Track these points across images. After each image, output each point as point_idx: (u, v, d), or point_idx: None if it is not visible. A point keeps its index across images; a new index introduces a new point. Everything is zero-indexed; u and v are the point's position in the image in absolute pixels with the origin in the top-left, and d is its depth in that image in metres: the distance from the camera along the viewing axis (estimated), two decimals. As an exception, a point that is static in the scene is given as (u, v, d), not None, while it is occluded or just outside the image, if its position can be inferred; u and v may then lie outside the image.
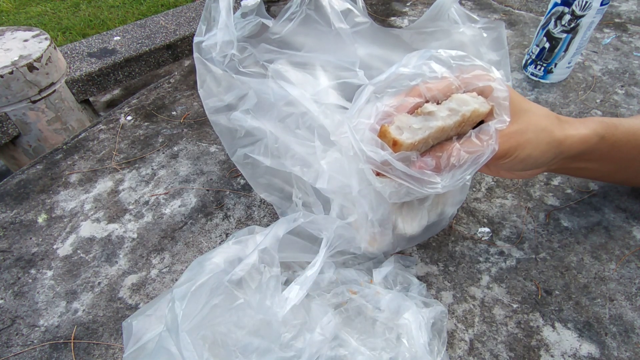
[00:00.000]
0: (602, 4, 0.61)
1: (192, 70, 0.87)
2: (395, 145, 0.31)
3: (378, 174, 0.35)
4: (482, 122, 0.34)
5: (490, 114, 0.33)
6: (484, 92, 0.33)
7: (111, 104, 1.87)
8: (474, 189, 0.58)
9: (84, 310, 0.48)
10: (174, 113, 0.76)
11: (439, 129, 0.31)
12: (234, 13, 0.48)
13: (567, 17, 0.65)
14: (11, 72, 1.18)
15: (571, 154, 0.40)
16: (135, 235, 0.56)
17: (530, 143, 0.36)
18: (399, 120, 0.31)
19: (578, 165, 0.44)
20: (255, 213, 0.57)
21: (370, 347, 0.38)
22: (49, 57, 1.29)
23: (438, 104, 0.32)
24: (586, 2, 0.62)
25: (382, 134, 0.31)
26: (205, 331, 0.36)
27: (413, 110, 0.32)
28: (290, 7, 0.50)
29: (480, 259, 0.50)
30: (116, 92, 1.94)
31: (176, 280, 0.50)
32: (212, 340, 0.36)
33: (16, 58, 1.22)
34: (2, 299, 0.50)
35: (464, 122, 0.32)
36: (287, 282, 0.43)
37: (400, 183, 0.33)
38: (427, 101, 0.32)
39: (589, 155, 0.42)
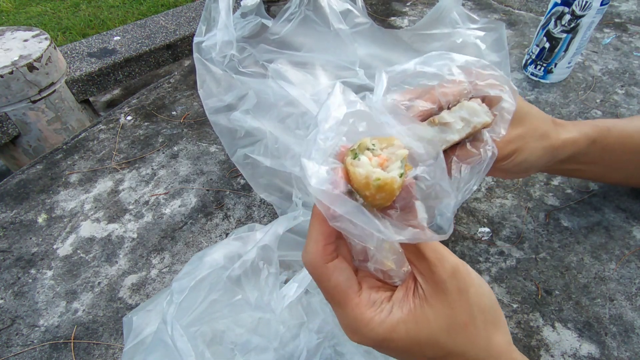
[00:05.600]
0: (602, 4, 0.61)
1: (192, 70, 0.87)
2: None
3: None
4: None
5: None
6: (490, 101, 0.33)
7: (111, 104, 1.87)
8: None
9: (84, 310, 0.48)
10: (174, 113, 0.76)
11: (453, 142, 0.31)
12: (234, 13, 0.48)
13: (567, 17, 0.65)
14: (11, 72, 1.18)
15: (562, 156, 0.41)
16: (135, 235, 0.56)
17: (528, 148, 0.37)
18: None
19: (569, 167, 0.45)
20: (255, 213, 0.57)
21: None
22: (49, 57, 1.29)
23: (448, 108, 0.32)
24: (586, 2, 0.62)
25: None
26: (204, 328, 0.36)
27: (426, 117, 0.32)
28: (289, 7, 0.50)
29: (480, 258, 0.50)
30: (116, 92, 1.94)
31: (176, 280, 0.50)
32: (211, 337, 0.36)
33: (16, 58, 1.22)
34: (2, 299, 0.50)
35: (472, 132, 0.32)
36: (287, 282, 0.43)
37: None
38: (440, 107, 0.32)
39: (579, 158, 0.43)
